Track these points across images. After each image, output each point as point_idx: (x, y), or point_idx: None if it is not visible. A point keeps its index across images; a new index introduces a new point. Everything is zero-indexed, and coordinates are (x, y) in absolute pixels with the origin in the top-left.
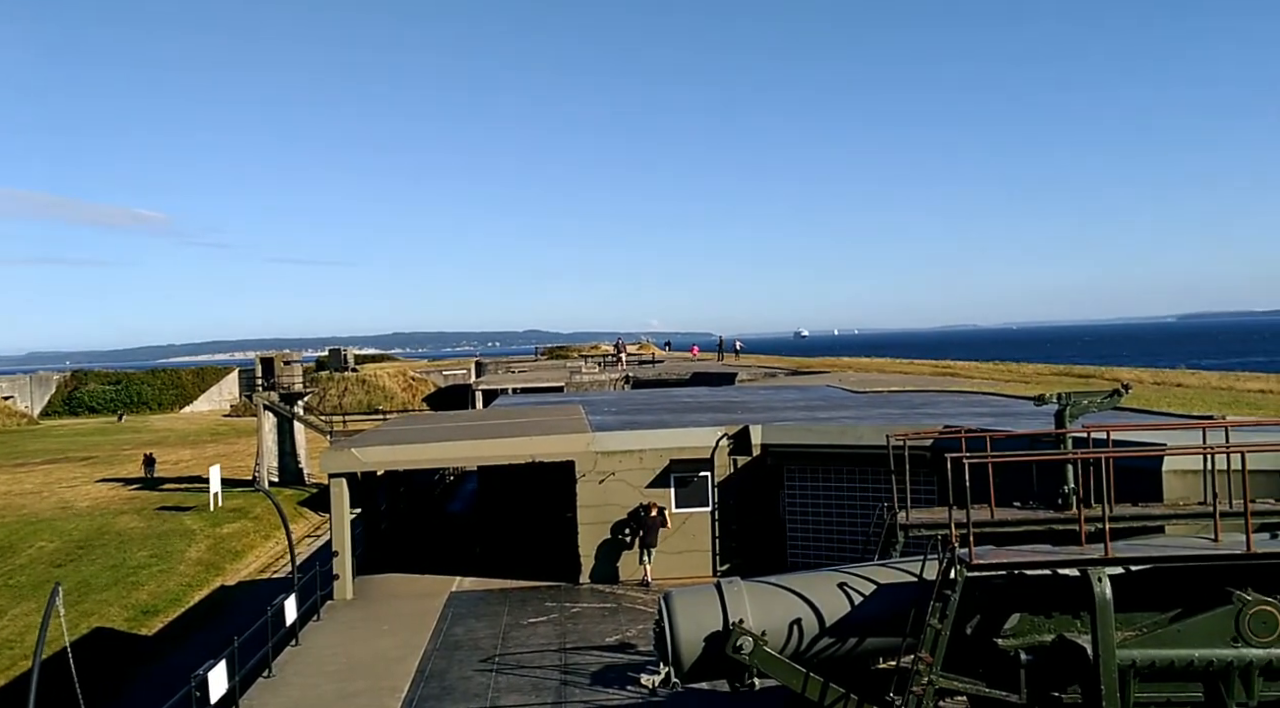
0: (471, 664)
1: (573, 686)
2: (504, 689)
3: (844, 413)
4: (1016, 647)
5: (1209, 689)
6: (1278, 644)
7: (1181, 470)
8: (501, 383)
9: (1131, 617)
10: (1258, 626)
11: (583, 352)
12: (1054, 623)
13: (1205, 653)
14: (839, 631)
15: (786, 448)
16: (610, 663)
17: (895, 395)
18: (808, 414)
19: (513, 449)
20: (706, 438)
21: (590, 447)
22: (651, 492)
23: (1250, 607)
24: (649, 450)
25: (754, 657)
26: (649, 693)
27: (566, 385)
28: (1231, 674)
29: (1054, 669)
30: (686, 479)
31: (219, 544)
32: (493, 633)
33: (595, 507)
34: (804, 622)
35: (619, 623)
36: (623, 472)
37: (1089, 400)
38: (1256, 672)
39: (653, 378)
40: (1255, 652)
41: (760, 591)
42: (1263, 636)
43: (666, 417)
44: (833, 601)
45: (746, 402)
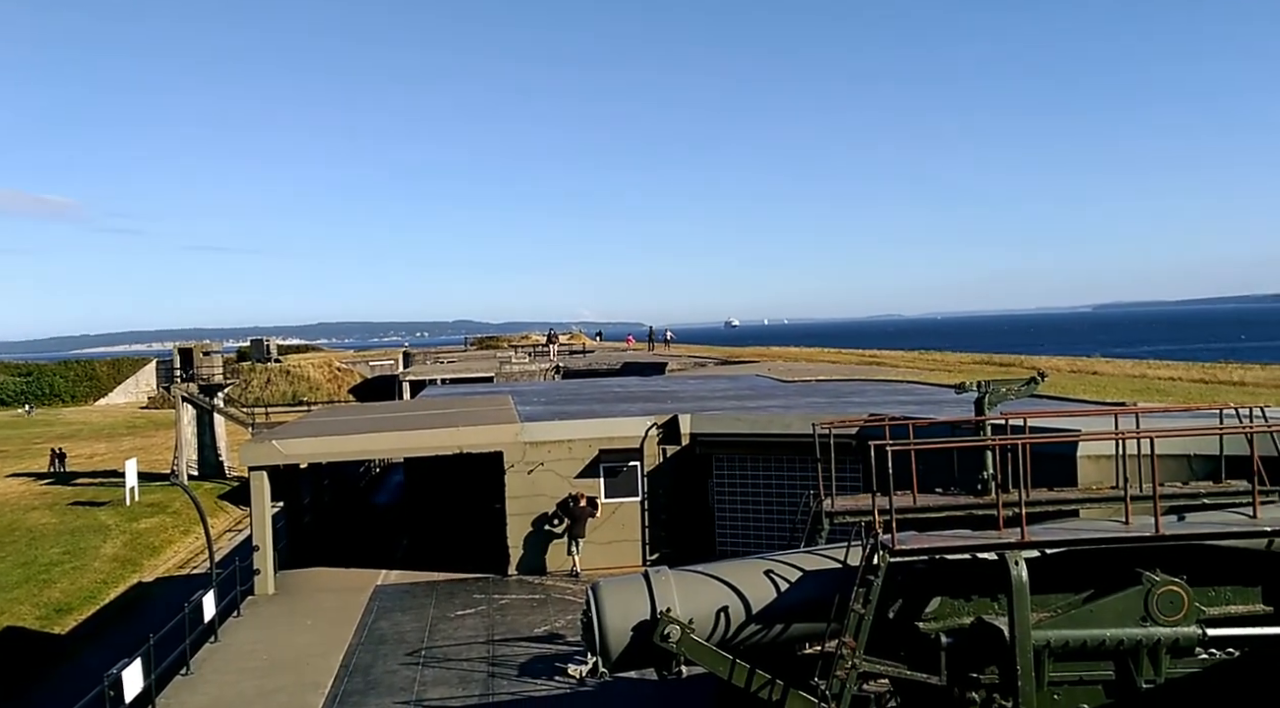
0: (397, 658)
1: (500, 677)
2: (430, 683)
3: (772, 402)
4: (937, 630)
5: (1119, 668)
6: (1184, 623)
7: (1095, 456)
8: (430, 373)
9: (1046, 598)
10: (1165, 605)
11: (513, 342)
12: (973, 606)
13: (1116, 633)
14: (765, 617)
15: (715, 437)
16: (539, 654)
17: (822, 384)
18: (737, 404)
19: (440, 440)
20: (636, 428)
21: (519, 437)
22: (581, 482)
23: (1158, 587)
24: (578, 440)
25: (681, 645)
26: (577, 683)
27: (496, 376)
28: (1140, 653)
29: (973, 651)
30: (616, 469)
31: (136, 540)
32: (419, 626)
33: (524, 498)
34: (731, 609)
35: (548, 614)
36: (552, 462)
37: (1007, 388)
38: (1164, 650)
39: (583, 368)
40: (1163, 630)
41: (688, 579)
42: (1170, 615)
43: (596, 407)
44: (759, 588)
45: (676, 391)
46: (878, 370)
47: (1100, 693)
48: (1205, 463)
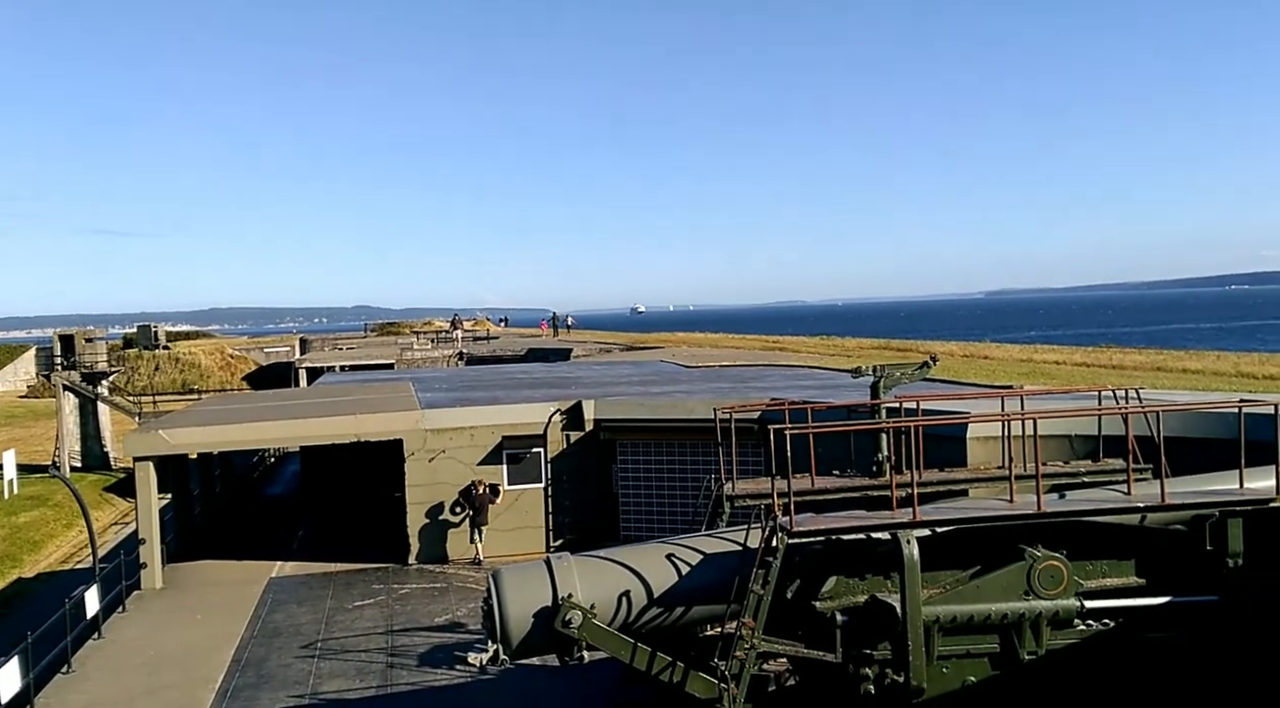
0: (292, 651)
1: (400, 668)
2: (326, 675)
3: (676, 387)
4: (833, 608)
5: (1004, 640)
6: (1064, 596)
7: (983, 437)
8: (327, 360)
9: (936, 575)
10: (1046, 580)
11: (415, 328)
12: (867, 584)
13: (1001, 607)
14: (667, 601)
15: (619, 423)
16: (440, 643)
17: (726, 370)
18: (641, 389)
19: (336, 428)
20: (539, 414)
21: (419, 424)
22: (483, 469)
23: (1040, 562)
24: (481, 427)
25: (583, 630)
26: (478, 671)
27: (397, 362)
28: (1023, 626)
29: (866, 628)
30: (519, 456)
31: (15, 534)
32: (315, 618)
33: (425, 486)
34: (633, 594)
35: (449, 603)
36: (453, 449)
37: (901, 372)
38: (1045, 622)
39: (487, 354)
40: (1044, 604)
41: (590, 565)
42: (1051, 589)
43: (499, 393)
44: (661, 572)
45: (581, 377)
46: (780, 356)
47: (986, 665)
48: (1085, 443)
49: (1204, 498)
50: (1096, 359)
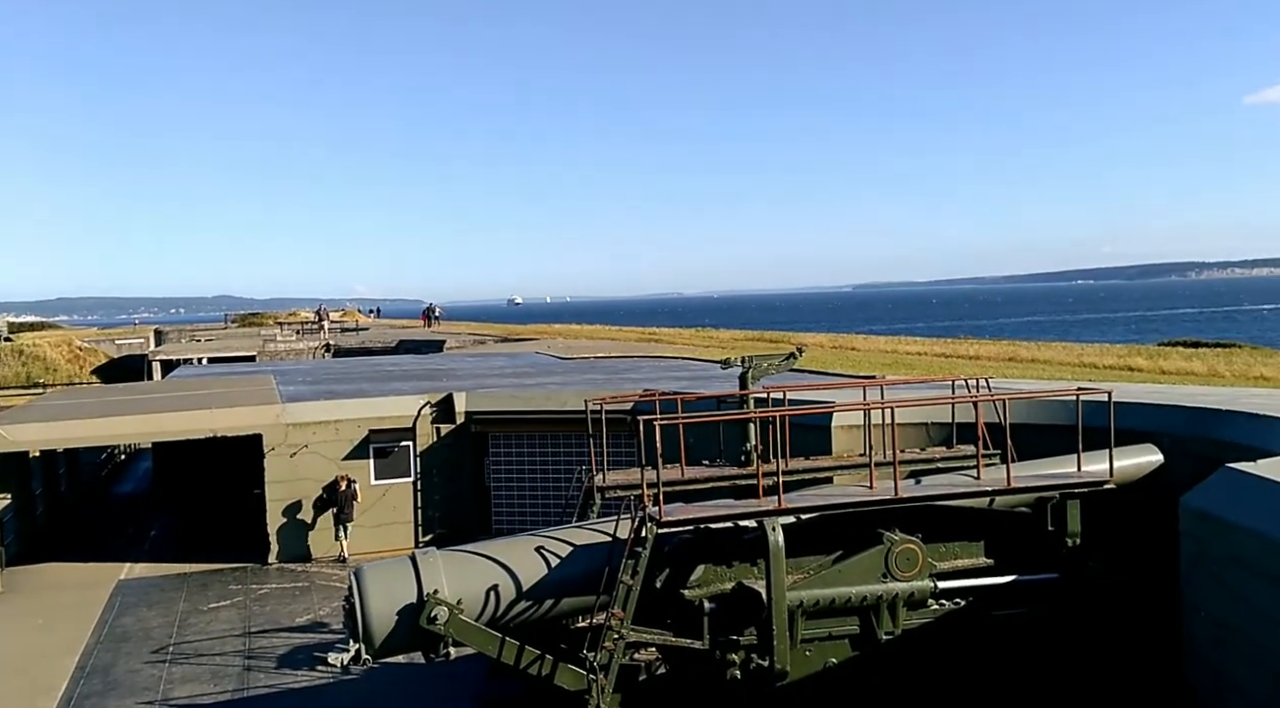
0: (141, 656)
1: (257, 670)
2: (179, 680)
3: (550, 379)
4: (701, 596)
5: (863, 622)
6: (919, 578)
7: (847, 426)
8: (185, 353)
9: (801, 561)
10: (903, 562)
11: (280, 319)
12: (734, 572)
13: (860, 589)
14: (536, 594)
15: (491, 415)
16: (300, 644)
17: (601, 362)
18: (514, 381)
19: (191, 423)
20: (408, 407)
21: (280, 419)
22: (349, 464)
23: (897, 545)
24: (346, 421)
25: (449, 626)
26: (339, 672)
27: (260, 355)
28: (881, 607)
29: (733, 614)
30: (387, 450)
31: None
32: (167, 621)
33: (286, 482)
34: (501, 588)
35: (311, 602)
36: (317, 444)
37: (768, 363)
38: (902, 603)
39: (356, 346)
40: (900, 585)
41: (457, 559)
42: (906, 571)
43: (366, 386)
44: (530, 565)
45: (453, 369)
46: (656, 347)
47: (846, 646)
48: (940, 430)
49: (1046, 481)
50: (954, 350)
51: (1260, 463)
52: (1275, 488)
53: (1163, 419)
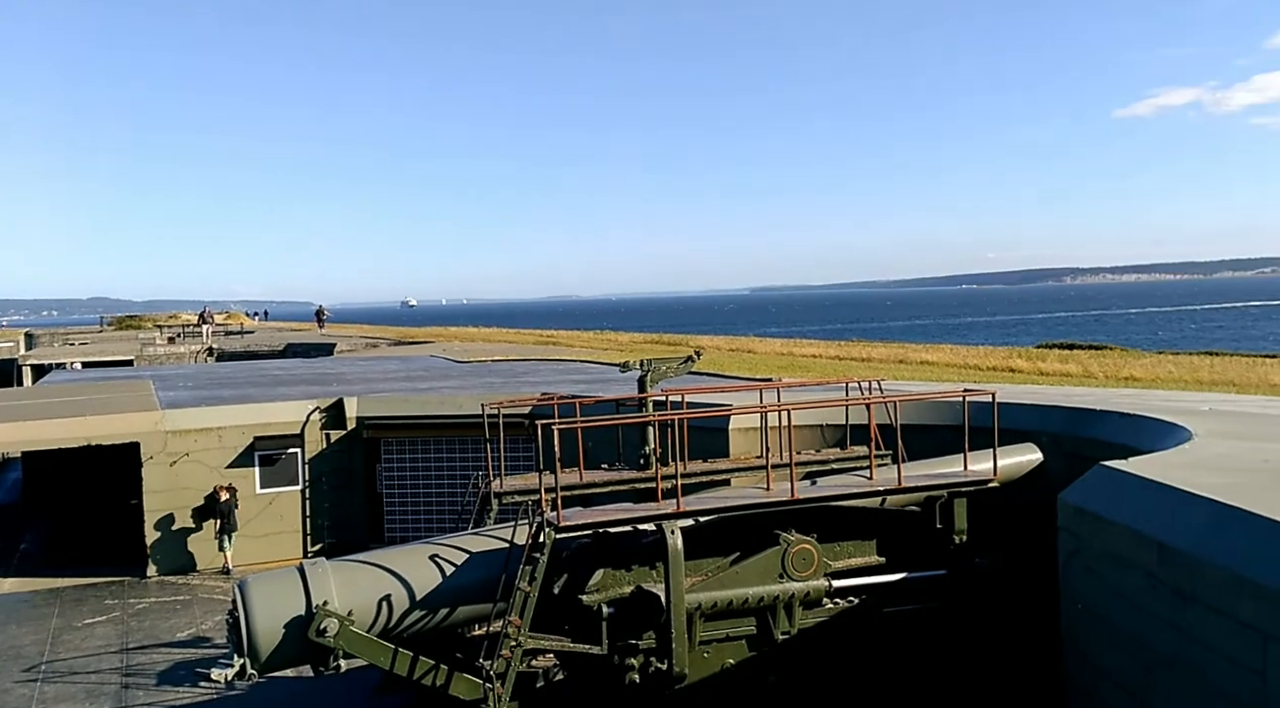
0: (11, 675)
1: (136, 688)
2: (51, 700)
3: (446, 383)
4: (599, 601)
5: (760, 622)
6: (814, 577)
7: (744, 428)
8: (58, 357)
9: (699, 563)
10: (799, 562)
11: (159, 322)
12: (633, 575)
13: (757, 590)
14: (431, 603)
15: (384, 420)
16: (182, 660)
17: (498, 365)
18: (408, 385)
19: (64, 431)
20: (296, 412)
21: (159, 426)
22: (232, 472)
23: (793, 546)
24: (230, 427)
25: (339, 639)
26: (224, 687)
27: (138, 359)
28: (778, 607)
29: (632, 619)
30: (273, 457)
31: None
32: (39, 639)
33: (165, 492)
34: (394, 598)
35: (193, 616)
36: (199, 452)
37: (667, 366)
38: (798, 603)
39: (241, 350)
40: (796, 585)
41: (347, 569)
42: (802, 571)
43: (252, 391)
44: (424, 573)
45: (344, 373)
46: (554, 350)
47: (744, 647)
48: (835, 432)
49: (934, 481)
50: (848, 353)
51: (1131, 461)
52: (1145, 485)
53: (1042, 419)
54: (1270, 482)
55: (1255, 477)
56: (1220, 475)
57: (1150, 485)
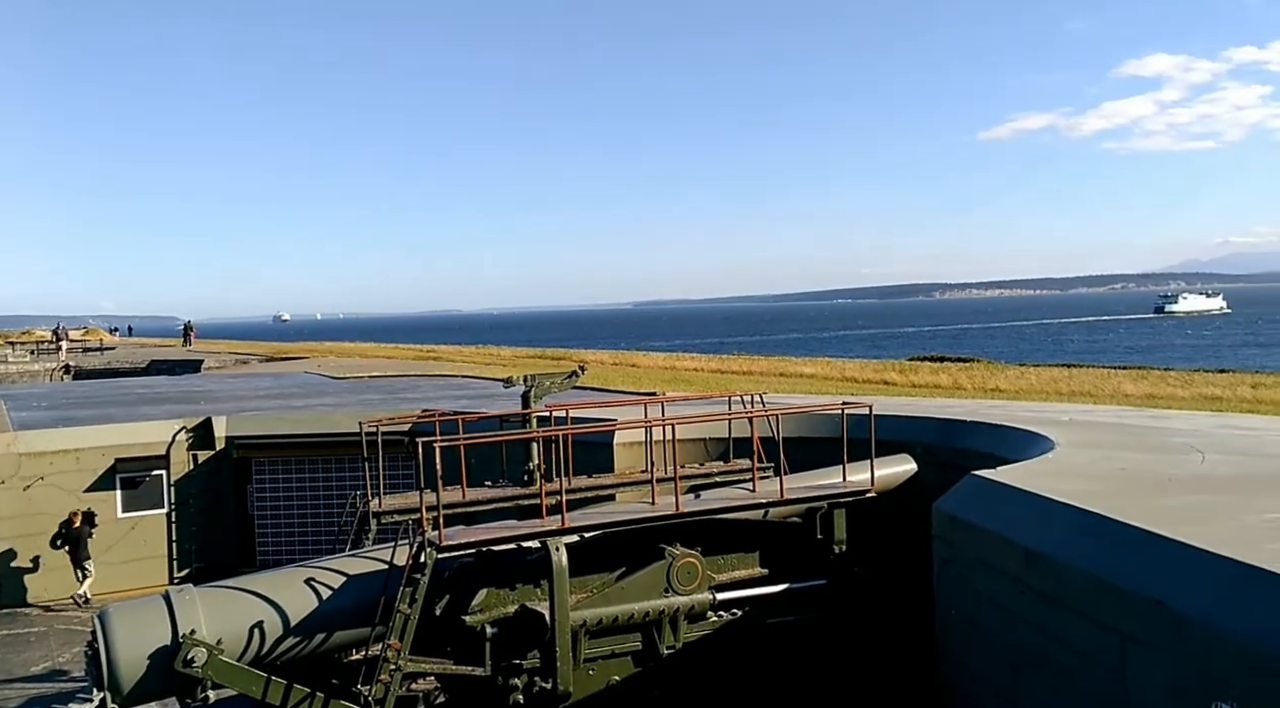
0: None
1: None
2: None
3: (321, 400)
4: (483, 621)
5: (645, 637)
6: (699, 591)
7: (629, 443)
8: None
9: (584, 580)
10: (684, 576)
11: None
12: (517, 594)
13: (642, 605)
14: (306, 628)
15: (256, 440)
16: (37, 695)
17: (376, 381)
18: (282, 403)
19: None
20: (161, 432)
21: (11, 448)
22: (92, 496)
23: (678, 560)
24: (88, 449)
25: (208, 668)
26: None
27: None
28: (663, 622)
29: (516, 638)
30: (136, 479)
31: None
32: None
33: (18, 518)
34: (267, 624)
35: (49, 649)
36: (54, 475)
37: (551, 382)
38: (682, 617)
39: (100, 367)
40: (681, 599)
41: (217, 596)
42: (687, 584)
43: (114, 410)
44: (299, 598)
45: (212, 391)
46: (435, 365)
47: (629, 663)
48: (718, 445)
49: (814, 492)
50: (730, 366)
51: (1000, 470)
52: (1013, 493)
53: (916, 430)
54: (1126, 489)
55: (1113, 484)
56: (1081, 483)
57: (1017, 494)
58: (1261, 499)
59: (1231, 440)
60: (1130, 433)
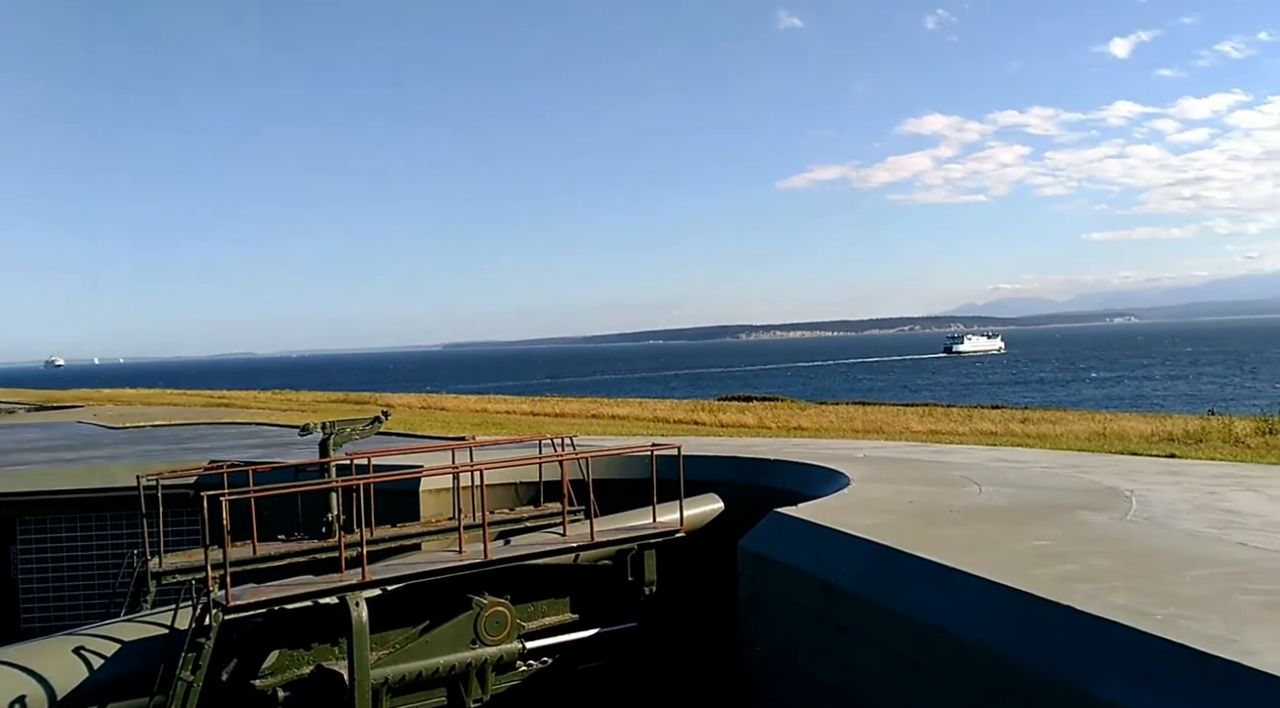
0: None
1: None
2: None
3: (97, 452)
4: (274, 685)
5: (451, 692)
6: (507, 640)
7: (436, 489)
8: None
9: (386, 635)
10: (492, 626)
11: None
12: (313, 654)
13: (449, 659)
14: (74, 701)
15: (19, 497)
16: None
17: (160, 431)
18: (51, 456)
19: None
20: None
21: None
22: None
23: (486, 609)
24: None
25: None
26: None
27: None
28: (470, 674)
29: (312, 701)
30: None
31: None
32: None
33: None
34: (29, 699)
35: None
36: None
37: (352, 428)
38: (490, 668)
39: None
40: (490, 650)
41: None
42: (495, 635)
43: None
44: (66, 668)
45: None
46: (227, 413)
47: None
48: (529, 489)
49: (625, 534)
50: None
51: (801, 506)
52: (814, 530)
53: (723, 470)
54: (914, 521)
55: (902, 516)
56: (874, 516)
57: (816, 529)
58: (1031, 527)
59: (1004, 472)
60: (917, 467)
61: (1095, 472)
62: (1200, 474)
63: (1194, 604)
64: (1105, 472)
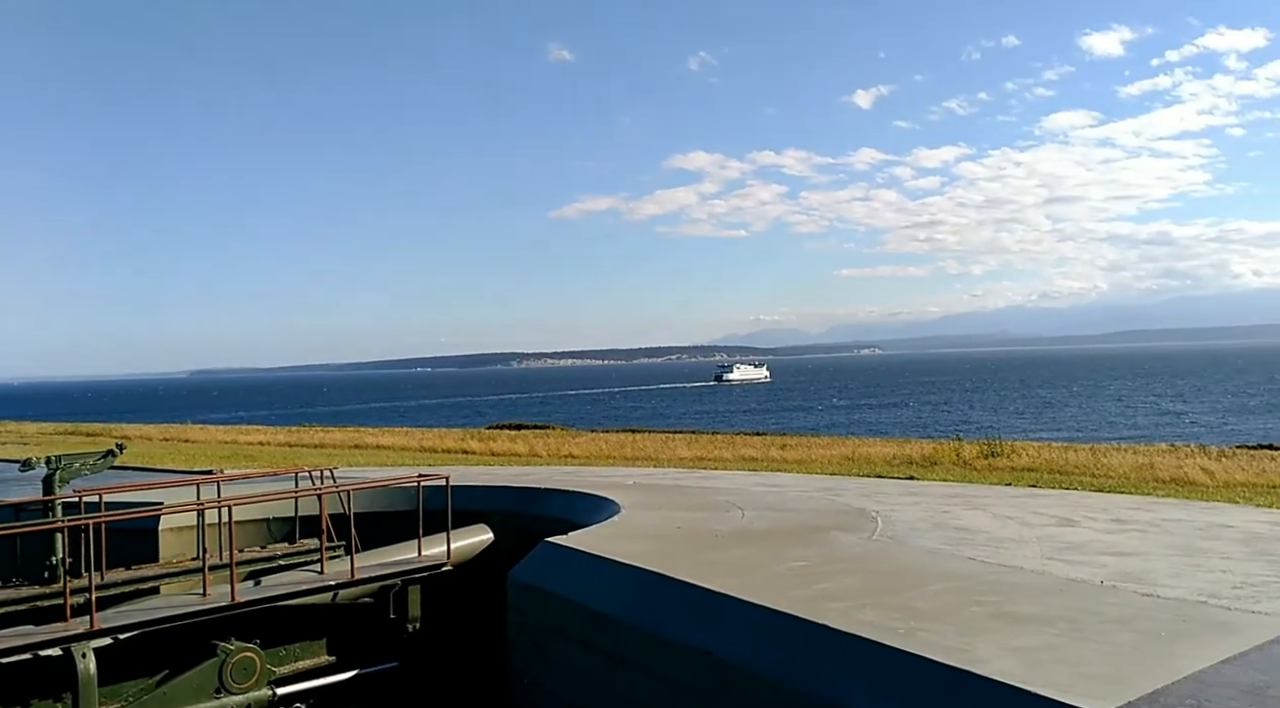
0: None
1: None
2: None
3: None
4: None
5: None
6: (256, 688)
7: (177, 528)
8: None
9: (119, 688)
10: (239, 673)
11: None
12: None
13: None
14: None
15: None
16: None
17: None
18: None
19: None
20: None
21: None
22: None
23: (233, 656)
24: None
25: None
26: None
27: None
28: None
29: None
30: None
31: None
32: None
33: None
34: None
35: None
36: None
37: (82, 463)
38: None
39: None
40: (236, 699)
41: None
42: (243, 682)
43: None
44: None
45: None
46: None
47: None
48: (283, 525)
49: (388, 569)
50: (301, 439)
51: (571, 535)
52: (584, 558)
53: (493, 500)
54: (682, 547)
55: (670, 542)
56: (644, 543)
57: (586, 558)
58: (789, 549)
59: (764, 497)
60: (685, 493)
61: (845, 494)
62: (935, 494)
63: (931, 617)
64: (854, 494)
